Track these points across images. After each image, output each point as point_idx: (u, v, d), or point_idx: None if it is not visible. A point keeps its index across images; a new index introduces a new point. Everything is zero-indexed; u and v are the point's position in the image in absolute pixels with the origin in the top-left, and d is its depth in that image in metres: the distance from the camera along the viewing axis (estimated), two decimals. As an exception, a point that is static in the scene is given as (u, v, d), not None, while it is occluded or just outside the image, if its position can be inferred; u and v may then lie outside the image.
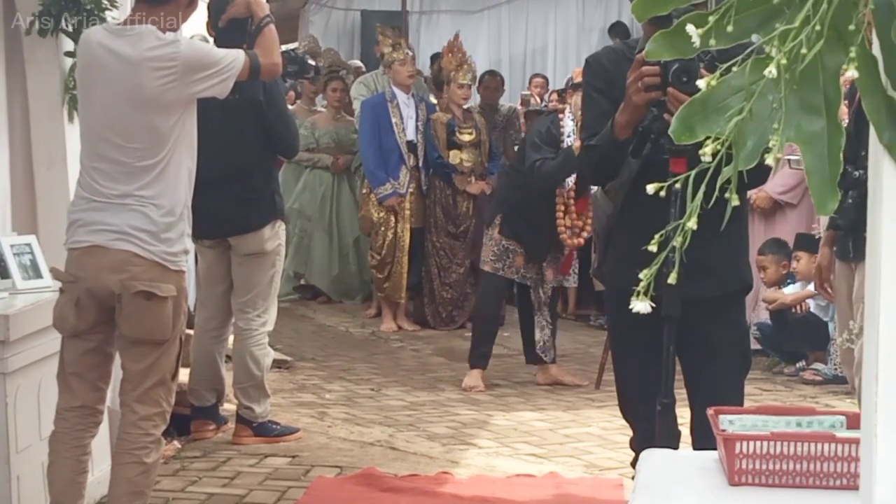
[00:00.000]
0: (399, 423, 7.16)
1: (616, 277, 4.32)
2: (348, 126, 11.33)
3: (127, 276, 4.54)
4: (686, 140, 1.33)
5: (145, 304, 4.56)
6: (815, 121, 1.27)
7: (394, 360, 9.17)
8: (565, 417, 7.36)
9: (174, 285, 4.62)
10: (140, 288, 4.54)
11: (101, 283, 4.58)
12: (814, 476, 2.55)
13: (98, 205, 4.61)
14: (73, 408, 4.70)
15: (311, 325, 10.66)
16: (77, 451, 4.72)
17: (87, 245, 4.61)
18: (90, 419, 4.74)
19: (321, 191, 11.36)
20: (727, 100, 1.28)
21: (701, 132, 1.32)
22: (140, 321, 4.58)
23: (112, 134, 4.61)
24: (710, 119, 1.30)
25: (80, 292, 4.62)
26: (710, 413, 2.79)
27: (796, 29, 1.21)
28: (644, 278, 1.40)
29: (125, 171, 4.59)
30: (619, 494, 5.74)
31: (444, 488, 5.85)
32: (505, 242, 8.09)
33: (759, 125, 1.26)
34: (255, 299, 6.68)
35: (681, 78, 3.79)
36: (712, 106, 1.29)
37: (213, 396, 6.78)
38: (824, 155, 1.28)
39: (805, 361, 8.47)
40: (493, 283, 8.27)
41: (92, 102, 4.74)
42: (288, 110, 7.07)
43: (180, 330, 4.72)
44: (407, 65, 10.24)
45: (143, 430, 4.66)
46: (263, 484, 5.96)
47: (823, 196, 1.28)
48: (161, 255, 4.57)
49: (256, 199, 6.65)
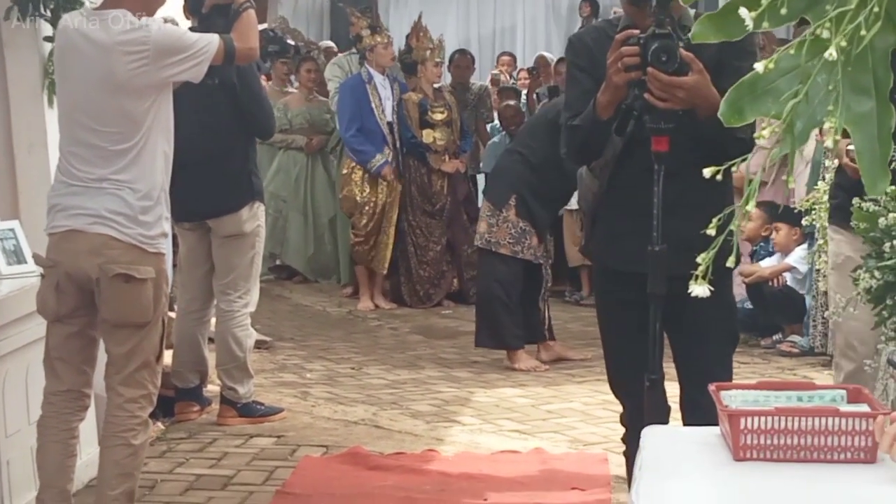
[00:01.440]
0: (382, 402, 7.19)
1: (603, 255, 4.35)
2: (321, 106, 11.32)
3: (105, 259, 4.56)
4: (735, 123, 1.35)
5: (124, 287, 4.57)
6: (865, 102, 1.29)
7: (373, 339, 9.20)
8: (547, 393, 7.40)
9: (153, 267, 4.63)
10: (118, 271, 4.55)
11: (80, 267, 4.59)
12: (818, 450, 2.59)
13: (75, 189, 4.62)
14: (60, 392, 4.72)
15: (287, 306, 10.67)
16: (65, 434, 4.73)
17: (66, 229, 4.63)
18: (77, 403, 4.76)
19: (295, 172, 11.36)
20: (776, 82, 1.30)
21: (750, 114, 1.34)
22: (120, 304, 4.60)
23: (87, 118, 4.62)
24: (759, 101, 1.32)
25: (60, 276, 4.63)
26: (711, 389, 2.83)
27: (853, 11, 1.23)
28: (703, 262, 1.41)
29: (101, 156, 4.60)
30: (604, 469, 5.79)
31: (430, 466, 5.89)
32: (522, 224, 8.02)
33: (809, 107, 1.28)
34: (235, 281, 6.69)
35: (660, 57, 3.82)
36: (761, 88, 1.31)
37: (197, 378, 6.80)
38: (874, 136, 1.30)
39: (781, 334, 8.53)
40: (513, 267, 8.10)
41: (68, 87, 4.74)
42: (262, 91, 7.07)
43: (162, 312, 4.74)
44: (389, 48, 10.27)
45: (130, 412, 4.68)
46: (251, 464, 5.98)
47: (874, 177, 1.31)
48: (138, 238, 4.59)
49: (233, 181, 6.66)
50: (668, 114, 3.86)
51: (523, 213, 8.02)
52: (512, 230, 8.05)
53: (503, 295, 8.09)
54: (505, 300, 8.07)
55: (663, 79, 3.83)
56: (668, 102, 3.84)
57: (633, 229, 3.99)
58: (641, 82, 3.88)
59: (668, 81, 3.82)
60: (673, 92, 3.83)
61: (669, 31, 3.82)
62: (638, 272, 3.88)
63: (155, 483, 5.64)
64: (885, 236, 3.93)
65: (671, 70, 3.84)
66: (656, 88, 3.84)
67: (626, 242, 4.08)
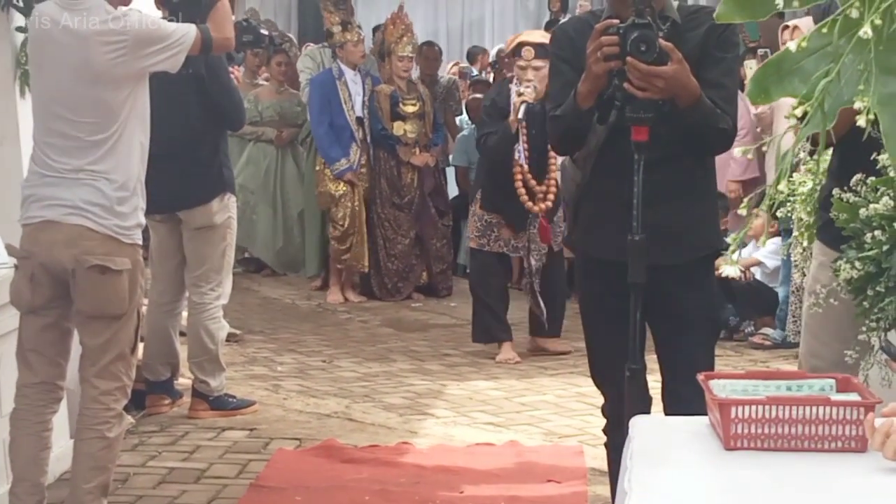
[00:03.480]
0: (354, 395, 7.16)
1: (585, 244, 4.33)
2: (292, 99, 11.27)
3: (80, 250, 4.53)
4: (761, 102, 1.33)
5: (100, 279, 4.55)
6: (893, 82, 1.27)
7: (343, 332, 9.17)
8: (519, 386, 7.39)
9: (129, 259, 4.61)
10: (94, 262, 4.53)
11: (55, 258, 4.56)
12: (809, 439, 2.58)
13: (51, 180, 4.59)
14: (33, 384, 4.68)
15: (256, 298, 10.62)
16: (38, 427, 4.70)
17: (41, 220, 4.60)
18: (50, 395, 4.72)
19: (265, 164, 11.31)
20: (802, 62, 1.28)
21: (776, 94, 1.32)
22: (95, 295, 4.57)
23: (63, 109, 4.59)
24: (784, 81, 1.30)
25: (35, 268, 4.60)
26: (700, 378, 2.81)
27: (886, -9, 1.22)
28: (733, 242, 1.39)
29: (77, 146, 4.58)
30: (580, 461, 5.78)
31: (405, 458, 5.87)
32: (487, 217, 8.05)
33: (837, 86, 1.26)
34: (207, 273, 6.65)
35: (639, 47, 3.82)
36: (787, 68, 1.30)
37: (168, 371, 6.75)
38: (901, 116, 1.29)
39: (753, 326, 8.55)
40: (479, 259, 8.19)
41: (43, 77, 4.71)
42: (231, 82, 7.03)
43: (137, 303, 4.71)
44: (360, 45, 10.22)
45: (104, 404, 4.66)
46: (223, 457, 5.94)
47: (901, 158, 1.29)
48: (114, 229, 4.56)
49: (203, 173, 6.62)
50: (648, 104, 3.85)
51: (487, 206, 8.06)
52: (477, 223, 8.12)
53: (478, 289, 8.17)
54: (480, 294, 8.11)
55: (642, 68, 3.82)
56: (647, 92, 3.83)
57: (614, 218, 3.99)
58: (621, 72, 3.87)
59: (646, 71, 3.82)
60: (652, 82, 3.82)
61: (649, 21, 3.82)
62: (619, 261, 3.87)
63: (127, 476, 5.60)
64: (865, 227, 3.92)
65: (650, 60, 3.83)
66: (635, 78, 3.83)
67: (608, 231, 4.08)
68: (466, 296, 10.09)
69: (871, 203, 3.95)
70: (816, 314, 4.33)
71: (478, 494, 5.34)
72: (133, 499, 5.33)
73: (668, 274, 4.00)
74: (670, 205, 4.05)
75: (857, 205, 4.00)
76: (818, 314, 4.31)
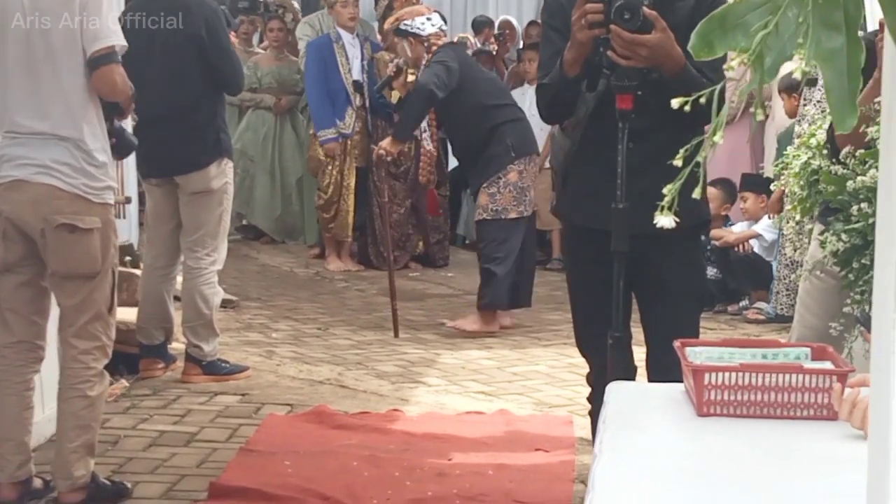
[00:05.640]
0: (347, 362, 7.18)
1: (571, 213, 4.34)
2: (291, 66, 11.26)
3: (48, 209, 4.58)
4: (704, 56, 1.35)
5: (69, 238, 4.59)
6: (835, 37, 1.29)
7: (339, 300, 9.18)
8: (512, 356, 7.41)
9: (98, 217, 4.64)
10: (62, 221, 4.57)
11: (24, 217, 4.61)
12: (781, 406, 2.59)
13: (22, 140, 4.62)
14: (11, 343, 4.73)
15: (254, 266, 10.64)
16: (20, 386, 4.74)
17: (11, 180, 4.62)
18: (30, 354, 4.76)
19: (263, 131, 11.31)
20: (746, 16, 1.30)
21: (720, 48, 1.33)
22: (67, 255, 4.62)
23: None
24: (728, 35, 1.32)
25: (7, 225, 4.64)
26: (676, 345, 2.83)
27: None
28: (668, 192, 1.40)
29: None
30: (568, 431, 5.80)
31: (395, 425, 5.89)
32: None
33: (779, 41, 1.28)
34: (203, 238, 6.66)
35: (623, 14, 3.85)
36: (731, 22, 1.31)
37: (162, 335, 6.77)
38: (843, 72, 1.30)
39: (748, 300, 8.57)
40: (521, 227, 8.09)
41: None
42: (231, 47, 7.02)
43: (112, 263, 4.76)
44: (349, 7, 10.13)
45: (84, 363, 4.72)
46: (214, 422, 5.96)
47: (842, 112, 1.30)
48: (82, 188, 4.60)
49: (200, 138, 6.62)
50: (633, 71, 3.87)
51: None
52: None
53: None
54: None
55: (625, 36, 3.84)
56: (630, 60, 3.86)
57: (601, 187, 4.00)
58: (606, 39, 3.89)
59: (629, 39, 3.83)
60: (635, 50, 3.84)
61: None
62: (605, 230, 3.89)
63: (118, 439, 5.62)
64: (852, 199, 3.93)
65: (634, 28, 3.85)
66: (619, 46, 3.85)
67: (594, 200, 4.08)
68: (464, 266, 10.16)
69: (858, 175, 3.96)
70: (810, 288, 4.35)
71: (466, 462, 5.36)
72: (122, 461, 5.35)
73: (652, 244, 3.97)
74: (657, 174, 4.03)
75: (844, 177, 4.01)
76: (811, 288, 4.34)
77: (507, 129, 7.89)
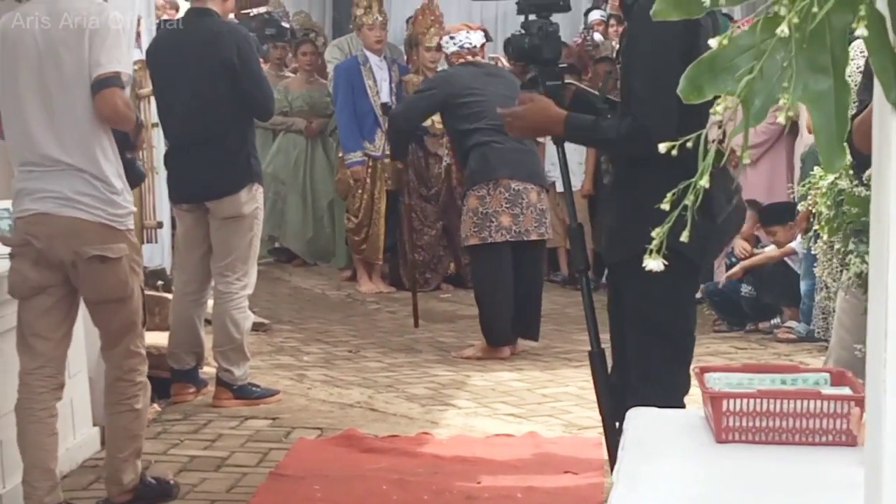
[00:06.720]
0: (378, 385, 7.20)
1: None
2: (322, 89, 11.31)
3: (78, 242, 4.70)
4: (694, 99, 1.36)
5: (101, 268, 4.74)
6: (823, 80, 1.30)
7: (371, 322, 9.21)
8: (543, 377, 7.41)
9: (125, 244, 4.79)
10: (93, 253, 4.70)
11: (54, 249, 4.72)
12: (800, 433, 2.59)
13: (37, 173, 4.75)
14: (33, 370, 4.81)
15: (286, 288, 10.68)
16: (43, 413, 4.82)
17: (34, 213, 4.74)
18: (52, 381, 4.85)
19: (295, 154, 11.37)
20: (735, 59, 1.31)
21: (709, 91, 1.35)
22: (99, 284, 4.78)
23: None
24: (718, 78, 1.33)
25: (38, 255, 4.74)
26: (695, 371, 2.84)
27: (807, -13, 1.24)
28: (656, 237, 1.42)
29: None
30: (598, 453, 5.77)
31: (424, 448, 5.90)
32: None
33: (767, 84, 1.29)
34: (234, 263, 6.70)
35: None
36: (720, 65, 1.33)
37: (193, 359, 6.81)
38: (832, 114, 1.31)
39: (780, 319, 8.53)
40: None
41: None
42: (262, 73, 7.09)
43: (139, 281, 4.94)
44: (375, 29, 10.14)
45: (131, 380, 4.96)
46: (245, 446, 5.99)
47: (831, 155, 1.32)
48: (106, 218, 4.74)
49: (231, 163, 6.66)
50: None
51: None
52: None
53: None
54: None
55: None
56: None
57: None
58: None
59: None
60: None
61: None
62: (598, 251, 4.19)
63: (149, 464, 5.63)
64: (876, 221, 3.93)
65: None
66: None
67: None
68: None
69: (882, 197, 3.96)
70: (846, 307, 4.36)
71: (495, 485, 5.37)
72: (153, 486, 5.37)
73: (617, 270, 4.24)
74: (615, 206, 4.21)
75: (868, 198, 4.01)
76: (849, 307, 4.34)
77: (473, 153, 7.95)
